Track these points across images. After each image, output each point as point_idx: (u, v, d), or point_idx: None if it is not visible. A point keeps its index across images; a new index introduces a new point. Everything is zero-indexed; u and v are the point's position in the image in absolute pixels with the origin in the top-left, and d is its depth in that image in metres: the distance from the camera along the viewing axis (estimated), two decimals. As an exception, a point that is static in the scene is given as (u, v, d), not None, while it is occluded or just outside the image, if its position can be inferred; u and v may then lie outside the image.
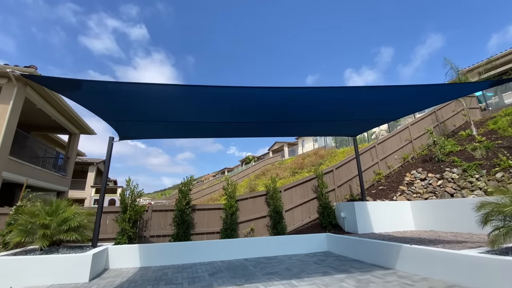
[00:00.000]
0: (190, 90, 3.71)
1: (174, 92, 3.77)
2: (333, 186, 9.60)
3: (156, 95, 3.78)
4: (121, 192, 6.96)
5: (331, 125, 6.79)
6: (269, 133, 7.46)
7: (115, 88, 3.42)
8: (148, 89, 3.52)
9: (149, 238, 7.23)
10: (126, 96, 3.68)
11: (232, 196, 8.00)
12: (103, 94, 3.57)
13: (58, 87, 3.20)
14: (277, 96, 4.25)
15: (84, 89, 3.28)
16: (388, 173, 10.75)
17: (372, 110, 5.54)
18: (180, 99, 4.09)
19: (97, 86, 3.29)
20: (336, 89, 4.24)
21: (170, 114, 4.80)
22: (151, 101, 4.01)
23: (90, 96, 3.57)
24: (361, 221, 8.01)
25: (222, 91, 3.80)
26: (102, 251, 5.61)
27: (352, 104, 5.26)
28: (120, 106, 4.15)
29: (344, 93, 4.58)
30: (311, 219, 8.93)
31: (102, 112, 4.25)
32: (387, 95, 4.70)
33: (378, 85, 4.34)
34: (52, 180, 12.74)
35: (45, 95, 10.81)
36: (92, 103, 3.81)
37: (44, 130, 14.82)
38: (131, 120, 4.95)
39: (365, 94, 4.59)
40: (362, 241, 6.20)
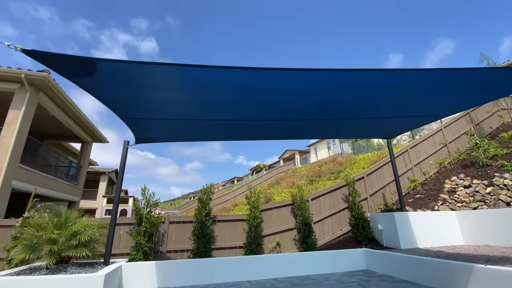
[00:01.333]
0: (232, 74, 3.04)
1: (208, 77, 3.09)
2: (365, 194, 8.69)
3: (183, 82, 3.13)
4: (135, 202, 6.29)
5: (374, 123, 5.97)
6: (312, 133, 6.69)
7: (139, 71, 2.79)
8: (178, 72, 2.87)
9: (165, 253, 6.49)
10: (149, 83, 3.05)
11: (255, 206, 7.22)
12: (123, 79, 2.95)
13: (67, 69, 2.61)
14: (325, 82, 3.54)
15: (100, 72, 2.67)
16: (424, 179, 9.75)
17: (424, 102, 4.71)
18: (215, 88, 3.42)
19: (117, 68, 2.67)
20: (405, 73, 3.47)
21: (198, 108, 4.15)
22: (177, 91, 3.37)
23: (107, 82, 2.96)
24: (403, 234, 7.05)
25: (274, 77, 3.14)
26: (115, 270, 4.90)
27: (402, 95, 4.46)
28: (140, 98, 3.52)
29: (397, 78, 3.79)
30: (342, 232, 8.01)
31: (119, 106, 3.64)
32: (444, 81, 3.89)
33: (438, 69, 3.55)
34: (64, 189, 12.29)
35: (58, 101, 10.48)
36: (109, 92, 3.20)
37: (57, 138, 14.56)
38: (151, 118, 4.32)
39: (427, 79, 3.79)
40: (415, 259, 5.25)
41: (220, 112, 4.52)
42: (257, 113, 4.64)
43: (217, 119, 4.81)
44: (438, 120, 6.33)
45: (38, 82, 9.06)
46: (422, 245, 7.13)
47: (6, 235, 5.82)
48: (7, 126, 8.43)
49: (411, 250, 6.90)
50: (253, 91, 3.68)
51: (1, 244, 5.68)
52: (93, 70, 2.63)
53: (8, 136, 8.35)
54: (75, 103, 11.09)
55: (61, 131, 13.20)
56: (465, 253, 6.15)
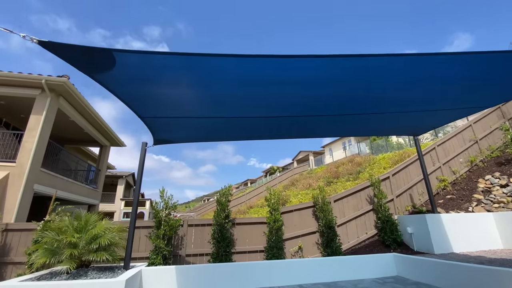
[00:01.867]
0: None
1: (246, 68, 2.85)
2: (391, 195, 8.19)
3: (204, 74, 2.91)
4: (153, 204, 6.16)
5: (402, 118, 5.56)
6: (332, 131, 6.39)
7: (158, 64, 2.60)
8: (200, 63, 2.66)
9: (185, 257, 6.31)
10: (167, 77, 2.87)
11: (275, 208, 6.92)
12: (142, 74, 2.78)
13: (85, 62, 2.46)
14: (347, 72, 3.23)
15: (119, 65, 2.51)
16: (454, 179, 9.11)
17: (467, 90, 4.28)
18: (241, 82, 3.18)
19: (136, 60, 2.49)
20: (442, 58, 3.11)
21: (218, 105, 3.93)
22: (197, 85, 3.17)
23: (126, 77, 2.79)
24: (436, 238, 6.55)
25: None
26: (135, 275, 4.75)
27: (442, 84, 4.06)
28: (159, 95, 3.35)
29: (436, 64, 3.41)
30: (368, 236, 7.56)
31: (138, 103, 3.48)
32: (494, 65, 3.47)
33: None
34: (84, 193, 12.48)
35: (77, 106, 10.65)
36: (128, 88, 3.03)
37: (76, 143, 14.88)
38: (169, 117, 4.14)
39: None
40: (455, 266, 4.77)
41: (243, 109, 4.29)
42: (280, 109, 4.38)
43: (240, 117, 4.57)
44: (479, 111, 5.78)
45: (58, 88, 9.21)
46: (458, 250, 6.59)
47: (28, 238, 5.83)
48: (28, 131, 8.60)
49: (446, 255, 6.38)
50: (280, 84, 3.42)
51: (23, 248, 5.69)
52: (112, 63, 2.47)
53: (30, 141, 8.51)
54: (93, 108, 11.26)
55: (80, 136, 13.47)
56: (509, 258, 5.60)
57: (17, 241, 5.88)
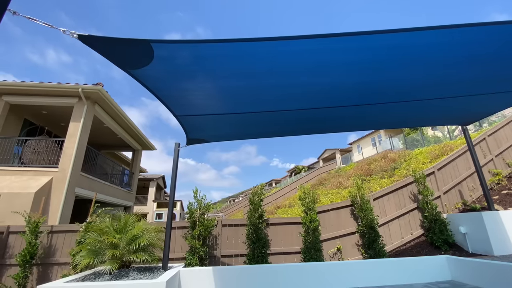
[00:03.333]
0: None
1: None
2: (438, 192, 7.48)
3: (242, 63, 2.73)
4: (189, 205, 6.14)
5: (449, 105, 4.99)
6: (372, 122, 5.92)
7: (201, 55, 2.45)
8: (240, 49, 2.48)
9: (220, 258, 6.22)
10: (203, 68, 2.73)
11: (311, 207, 6.60)
12: (178, 66, 2.66)
13: (122, 56, 2.39)
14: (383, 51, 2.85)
15: (157, 58, 2.40)
16: (510, 172, 8.14)
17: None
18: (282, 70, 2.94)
19: (174, 52, 2.37)
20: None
21: (255, 99, 3.75)
22: (235, 76, 3.00)
23: (163, 71, 2.69)
24: (496, 238, 5.83)
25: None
26: (174, 276, 4.71)
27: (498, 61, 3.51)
28: (194, 90, 3.24)
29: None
30: (413, 236, 6.95)
31: (173, 100, 3.40)
32: None
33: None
34: (119, 195, 13.02)
35: (111, 112, 11.12)
36: (164, 84, 2.94)
37: (111, 148, 15.63)
38: (203, 114, 4.04)
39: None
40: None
41: (277, 102, 4.07)
42: (319, 99, 4.09)
43: (271, 111, 4.36)
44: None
45: (93, 95, 9.66)
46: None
47: (72, 240, 6.08)
48: (69, 138, 9.09)
49: (508, 257, 5.66)
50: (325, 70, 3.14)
51: (67, 249, 5.94)
52: (150, 56, 2.37)
53: (70, 147, 8.99)
54: (126, 114, 11.70)
55: (114, 141, 14.11)
56: None
57: (61, 242, 6.15)
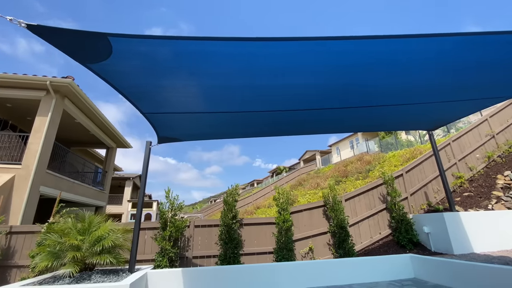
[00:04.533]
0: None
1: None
2: (405, 193, 7.85)
3: (211, 62, 2.70)
4: (159, 205, 5.98)
5: (414, 111, 5.26)
6: (351, 126, 6.05)
7: (166, 51, 2.39)
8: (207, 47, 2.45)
9: (191, 259, 6.11)
10: (172, 65, 2.66)
11: (284, 208, 6.67)
12: (142, 63, 2.57)
13: (77, 49, 2.26)
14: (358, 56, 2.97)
15: (117, 53, 2.30)
16: (471, 175, 8.70)
17: (492, 77, 3.95)
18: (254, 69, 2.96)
19: (135, 47, 2.28)
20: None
21: (227, 99, 3.73)
22: (204, 75, 2.96)
23: (125, 66, 2.59)
24: (456, 237, 6.20)
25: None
26: (140, 279, 4.56)
27: (462, 71, 3.75)
28: (162, 87, 3.15)
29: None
30: (382, 236, 7.24)
31: (139, 97, 3.28)
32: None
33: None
34: (90, 194, 12.45)
35: (83, 107, 10.60)
36: (127, 80, 2.83)
37: (83, 145, 14.91)
38: (174, 112, 3.95)
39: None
40: (479, 267, 4.42)
41: (252, 102, 4.07)
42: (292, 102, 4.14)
43: (247, 111, 4.35)
44: (501, 101, 5.40)
45: (63, 89, 9.16)
46: (479, 250, 6.23)
47: (32, 241, 5.72)
48: (34, 133, 8.55)
49: (466, 255, 6.03)
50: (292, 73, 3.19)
51: (27, 251, 5.58)
52: (108, 51, 2.27)
53: (35, 142, 8.46)
54: (99, 110, 11.20)
55: (86, 138, 13.46)
56: (538, 259, 5.22)
57: (21, 243, 5.78)
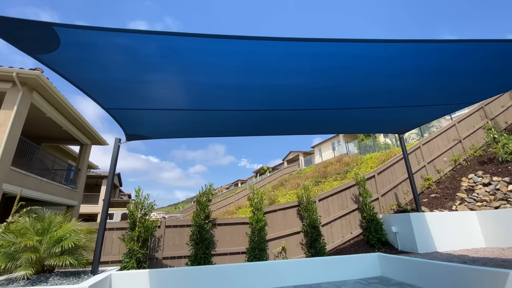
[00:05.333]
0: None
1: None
2: (376, 194, 8.09)
3: (178, 59, 2.67)
4: (128, 205, 5.81)
5: (386, 115, 5.44)
6: (315, 127, 6.08)
7: (123, 44, 2.32)
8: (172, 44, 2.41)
9: (161, 260, 5.98)
10: (133, 59, 2.59)
11: (258, 208, 6.69)
12: (99, 55, 2.47)
13: (21, 39, 2.12)
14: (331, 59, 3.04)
15: (66, 44, 2.18)
16: (439, 178, 9.13)
17: (450, 85, 4.17)
18: (221, 67, 2.95)
19: (87, 39, 2.18)
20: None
21: (198, 96, 3.68)
22: (171, 71, 2.91)
23: (78, 59, 2.47)
24: (420, 237, 6.47)
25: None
26: (103, 281, 4.40)
27: (425, 76, 3.93)
28: (126, 81, 3.04)
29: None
30: (353, 235, 7.42)
31: (99, 92, 3.15)
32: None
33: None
34: (61, 193, 11.89)
35: (53, 101, 10.10)
36: (82, 73, 2.70)
37: (55, 141, 14.22)
38: (141, 109, 3.83)
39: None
40: (438, 265, 4.66)
41: (225, 101, 4.04)
42: (263, 102, 4.15)
43: (221, 110, 4.32)
44: (464, 108, 5.69)
45: (31, 81, 8.69)
46: (442, 249, 6.54)
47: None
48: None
49: (429, 254, 6.30)
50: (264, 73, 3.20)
51: (-19, 252, 5.21)
52: (56, 42, 2.16)
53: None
54: (71, 104, 10.73)
55: (59, 134, 12.85)
56: (491, 257, 5.55)
57: (-25, 245, 5.39)
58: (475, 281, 3.92)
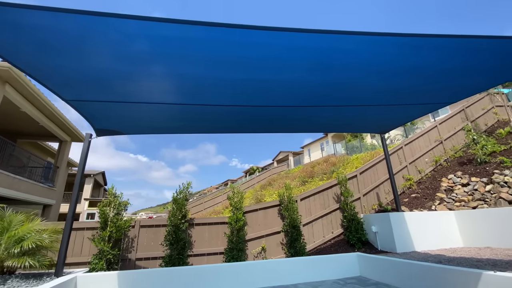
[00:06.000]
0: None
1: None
2: (358, 194, 8.09)
3: (148, 47, 2.52)
4: (99, 204, 5.55)
5: (365, 113, 5.38)
6: (296, 126, 5.93)
7: (78, 27, 2.13)
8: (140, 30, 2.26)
9: (135, 261, 5.75)
10: (91, 48, 2.41)
11: (238, 207, 6.55)
12: (52, 39, 2.27)
13: None
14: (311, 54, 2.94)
15: (3, 24, 1.97)
16: (420, 178, 9.23)
17: (433, 82, 4.12)
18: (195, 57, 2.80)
19: (40, 21, 1.98)
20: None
21: (175, 88, 3.52)
22: (141, 61, 2.74)
23: (22, 41, 2.26)
24: (399, 236, 6.48)
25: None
26: (66, 283, 4.15)
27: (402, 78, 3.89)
28: (87, 70, 2.84)
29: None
30: (334, 235, 7.38)
31: (53, 79, 2.93)
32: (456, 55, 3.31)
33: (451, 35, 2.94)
34: (37, 192, 11.38)
35: (28, 95, 9.65)
36: (32, 58, 2.50)
37: (32, 137, 13.64)
38: (109, 101, 3.61)
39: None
40: (412, 265, 4.64)
41: (202, 94, 3.87)
42: (232, 98, 4.00)
43: (197, 104, 4.14)
44: (442, 108, 5.72)
45: (3, 74, 8.25)
46: (420, 248, 6.57)
47: None
48: (-36, 121, 7.60)
49: (408, 254, 6.32)
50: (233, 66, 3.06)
51: None
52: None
53: (-35, 131, 7.51)
54: (48, 99, 10.28)
55: (36, 130, 12.33)
56: (467, 257, 5.59)
57: None
58: (448, 281, 3.91)
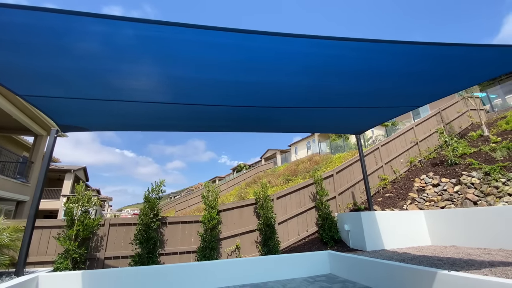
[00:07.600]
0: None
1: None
2: (334, 193, 8.24)
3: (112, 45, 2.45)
4: (66, 202, 5.40)
5: (340, 113, 5.46)
6: (285, 126, 5.99)
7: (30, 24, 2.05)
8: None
9: (104, 260, 5.64)
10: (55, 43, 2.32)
11: (212, 206, 6.54)
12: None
13: None
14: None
15: None
16: (395, 178, 9.49)
17: (402, 86, 4.21)
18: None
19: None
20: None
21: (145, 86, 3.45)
22: (108, 59, 2.67)
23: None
24: (369, 235, 6.65)
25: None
26: (26, 282, 4.02)
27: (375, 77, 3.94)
28: (47, 65, 2.73)
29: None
30: (309, 233, 7.50)
31: (7, 74, 2.81)
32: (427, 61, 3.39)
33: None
34: (9, 187, 10.95)
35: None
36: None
37: (5, 131, 13.08)
38: (70, 97, 3.48)
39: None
40: (375, 263, 4.79)
41: (171, 92, 3.82)
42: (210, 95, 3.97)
43: (156, 102, 4.08)
44: (411, 110, 5.87)
45: (-31, 64, 7.84)
46: (389, 247, 6.77)
47: None
48: None
49: (376, 252, 6.51)
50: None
51: None
52: None
53: None
54: (20, 91, 9.85)
55: (8, 123, 11.83)
56: (431, 255, 5.82)
57: None
58: (406, 279, 4.06)
